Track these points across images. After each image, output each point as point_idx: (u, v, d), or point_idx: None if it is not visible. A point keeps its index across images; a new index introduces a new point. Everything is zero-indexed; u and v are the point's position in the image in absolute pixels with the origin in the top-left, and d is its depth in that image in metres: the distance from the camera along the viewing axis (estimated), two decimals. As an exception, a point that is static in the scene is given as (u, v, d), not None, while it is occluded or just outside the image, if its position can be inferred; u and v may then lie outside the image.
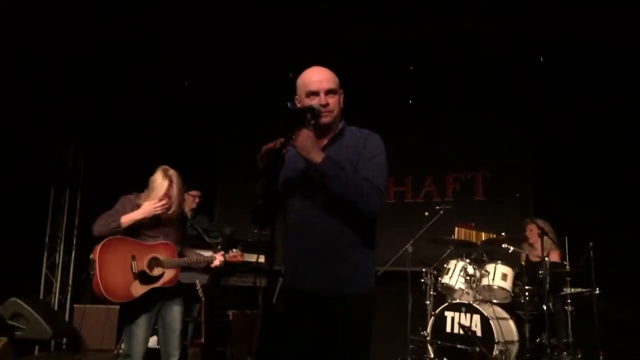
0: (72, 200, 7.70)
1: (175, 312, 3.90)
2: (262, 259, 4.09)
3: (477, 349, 4.77)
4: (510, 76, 6.69)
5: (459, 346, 4.92)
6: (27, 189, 6.70)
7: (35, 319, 5.96)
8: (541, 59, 6.54)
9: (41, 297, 7.16)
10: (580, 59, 6.20)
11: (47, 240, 7.37)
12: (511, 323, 5.16)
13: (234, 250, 4.18)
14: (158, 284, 3.83)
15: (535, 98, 6.56)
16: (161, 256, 3.87)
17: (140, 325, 3.77)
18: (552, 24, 6.09)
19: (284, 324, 2.43)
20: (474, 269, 5.33)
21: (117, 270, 3.73)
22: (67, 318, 7.15)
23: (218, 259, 4.06)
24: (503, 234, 5.50)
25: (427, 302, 5.53)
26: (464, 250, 5.65)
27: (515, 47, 6.55)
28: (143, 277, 3.79)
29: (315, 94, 2.46)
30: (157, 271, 3.82)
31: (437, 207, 5.86)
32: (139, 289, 3.77)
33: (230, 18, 6.28)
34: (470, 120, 6.79)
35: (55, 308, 7.24)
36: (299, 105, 2.51)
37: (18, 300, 6.01)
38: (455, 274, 5.36)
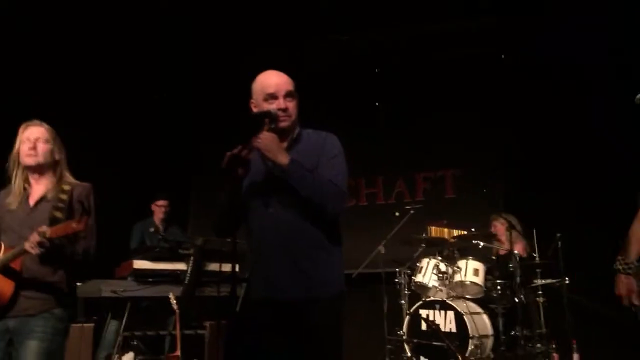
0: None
1: (28, 351, 2.54)
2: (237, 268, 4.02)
3: (445, 344, 4.81)
4: (475, 73, 6.78)
5: (434, 343, 4.95)
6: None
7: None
8: (502, 56, 6.65)
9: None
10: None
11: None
12: (485, 317, 5.21)
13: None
14: None
15: (500, 94, 6.62)
16: None
17: None
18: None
19: (253, 334, 2.39)
20: (446, 265, 5.37)
21: None
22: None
23: (30, 240, 2.51)
24: (473, 230, 5.56)
25: (402, 302, 5.55)
26: (436, 248, 5.70)
27: (479, 44, 6.66)
28: None
29: (274, 97, 2.44)
30: None
31: (408, 207, 5.91)
32: None
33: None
34: (437, 119, 6.88)
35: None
36: (255, 109, 2.49)
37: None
38: (428, 272, 5.39)
